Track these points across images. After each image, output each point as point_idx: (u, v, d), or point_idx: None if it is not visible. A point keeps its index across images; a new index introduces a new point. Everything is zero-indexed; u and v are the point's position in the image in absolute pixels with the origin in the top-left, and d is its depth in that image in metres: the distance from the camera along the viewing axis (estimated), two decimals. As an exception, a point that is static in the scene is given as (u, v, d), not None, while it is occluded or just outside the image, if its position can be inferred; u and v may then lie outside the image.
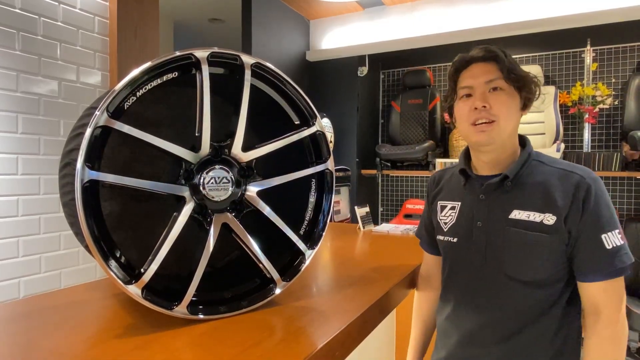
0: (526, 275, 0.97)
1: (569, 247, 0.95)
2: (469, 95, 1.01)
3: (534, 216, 0.96)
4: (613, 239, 0.92)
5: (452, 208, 1.11)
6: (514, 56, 1.04)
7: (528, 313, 0.98)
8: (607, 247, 0.91)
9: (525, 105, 1.03)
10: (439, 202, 1.16)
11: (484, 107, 0.97)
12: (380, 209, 4.28)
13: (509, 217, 0.99)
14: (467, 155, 1.11)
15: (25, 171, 2.04)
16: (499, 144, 1.00)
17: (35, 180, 2.09)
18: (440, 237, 1.14)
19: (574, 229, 0.93)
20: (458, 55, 1.06)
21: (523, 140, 1.07)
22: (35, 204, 2.08)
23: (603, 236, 0.92)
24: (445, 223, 1.12)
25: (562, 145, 3.24)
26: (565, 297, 0.98)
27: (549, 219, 0.94)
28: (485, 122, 0.97)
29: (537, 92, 1.04)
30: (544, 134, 3.39)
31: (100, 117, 0.74)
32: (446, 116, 1.14)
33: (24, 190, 2.04)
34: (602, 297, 0.93)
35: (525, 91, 1.00)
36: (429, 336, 1.28)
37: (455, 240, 1.09)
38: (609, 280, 0.92)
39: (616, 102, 3.39)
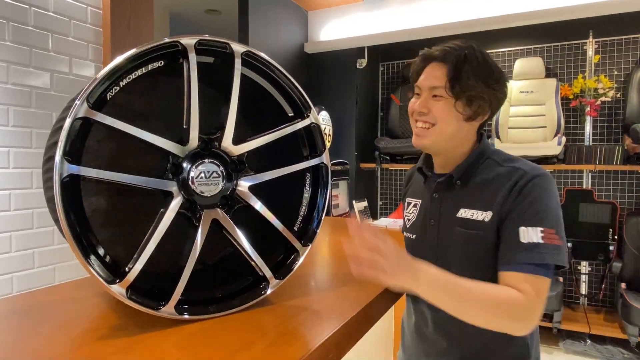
0: (471, 274, 0.92)
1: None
2: (418, 95, 1.01)
3: (477, 214, 0.95)
4: (531, 234, 0.87)
5: (415, 205, 1.12)
6: (515, 48, 1.01)
7: None
8: (522, 241, 0.87)
9: (472, 117, 0.97)
10: (406, 199, 1.18)
11: (423, 112, 0.98)
12: (379, 202, 4.24)
13: (457, 215, 0.99)
14: (428, 153, 1.12)
15: (17, 165, 2.01)
16: (439, 148, 1.00)
17: (27, 173, 2.05)
18: (405, 234, 1.16)
19: (503, 218, 0.91)
20: (425, 49, 1.04)
21: (480, 139, 1.04)
22: (27, 198, 2.05)
23: (521, 228, 0.88)
24: (409, 220, 1.14)
25: (563, 139, 3.20)
26: None
27: (489, 216, 0.93)
28: (422, 127, 0.98)
29: (488, 112, 0.99)
30: (544, 127, 3.36)
31: (80, 108, 0.70)
32: None
33: (16, 184, 2.01)
34: (524, 286, 0.85)
35: (474, 105, 0.95)
36: None
37: (414, 237, 1.10)
38: (527, 274, 0.85)
39: (618, 95, 3.34)
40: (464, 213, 0.97)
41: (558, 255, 0.87)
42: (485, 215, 0.94)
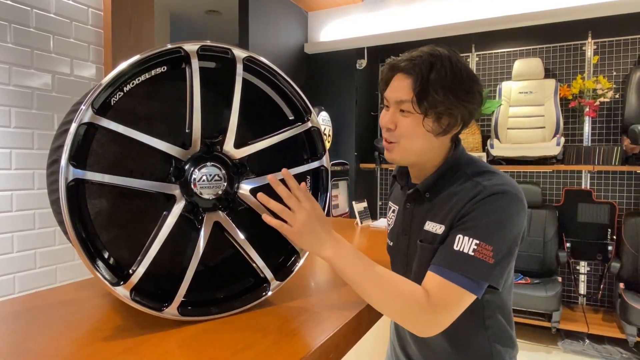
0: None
1: None
2: (387, 107, 0.95)
3: (436, 228, 0.91)
4: (465, 244, 0.82)
5: (393, 211, 1.10)
6: (514, 49, 0.97)
7: None
8: (454, 247, 0.83)
9: (445, 131, 0.89)
10: (389, 202, 1.15)
11: (389, 128, 0.92)
12: (379, 203, 4.26)
13: (424, 228, 0.94)
14: None
15: (19, 166, 2.02)
16: (409, 162, 0.96)
17: (29, 174, 2.06)
18: (387, 239, 1.13)
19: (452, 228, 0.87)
20: (391, 57, 0.96)
21: (452, 149, 0.97)
22: (29, 199, 2.06)
23: (458, 236, 0.83)
24: (389, 225, 1.12)
25: (562, 139, 3.21)
26: (476, 309, 0.92)
27: (442, 229, 0.89)
28: (389, 142, 0.93)
29: (460, 125, 0.91)
30: (543, 127, 3.37)
31: (85, 113, 0.71)
32: None
33: (18, 185, 2.02)
34: (435, 288, 0.82)
35: (443, 119, 0.88)
36: None
37: (391, 243, 1.08)
38: (444, 280, 0.81)
39: (617, 96, 3.36)
40: (427, 226, 0.93)
41: (484, 273, 0.81)
42: (442, 229, 0.89)
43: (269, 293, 0.94)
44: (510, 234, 0.84)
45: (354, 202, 2.10)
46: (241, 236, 0.90)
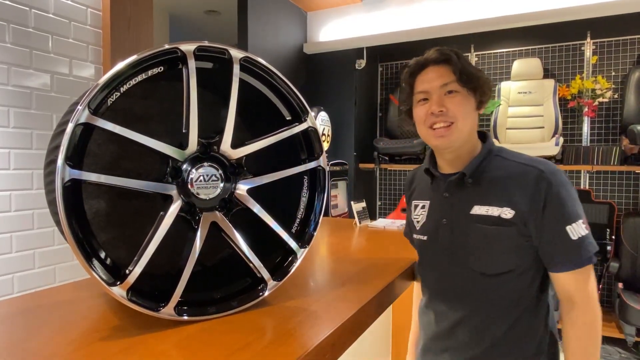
0: (490, 269, 0.99)
1: (534, 240, 0.96)
2: (425, 100, 1.02)
3: (492, 210, 0.98)
4: (578, 229, 0.93)
5: (423, 207, 1.14)
6: (513, 49, 1.04)
7: (497, 305, 1.00)
8: (573, 238, 0.92)
9: (480, 105, 1.03)
10: (412, 201, 1.20)
11: (441, 111, 0.99)
12: (378, 202, 4.26)
13: (470, 212, 1.01)
14: (432, 154, 1.13)
15: (17, 166, 2.02)
16: (460, 144, 1.02)
17: (28, 175, 2.06)
18: (415, 236, 1.17)
19: (537, 222, 0.94)
20: (413, 59, 1.06)
21: (484, 137, 1.08)
22: (28, 199, 2.06)
23: (568, 228, 0.93)
24: (418, 222, 1.15)
25: (561, 139, 3.22)
26: (534, 287, 1.00)
27: (507, 212, 0.96)
28: (443, 127, 0.99)
29: (489, 93, 1.05)
30: (542, 127, 3.37)
31: (81, 114, 0.71)
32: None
33: (17, 185, 2.02)
34: (573, 285, 0.95)
35: (479, 92, 1.01)
36: None
37: (425, 238, 1.12)
38: (578, 269, 0.93)
39: (616, 96, 3.36)
40: (478, 210, 1.00)
41: (593, 241, 0.94)
42: (501, 212, 0.96)
43: (266, 293, 0.94)
44: None
45: (352, 202, 2.10)
46: (238, 236, 0.90)
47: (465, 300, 1.03)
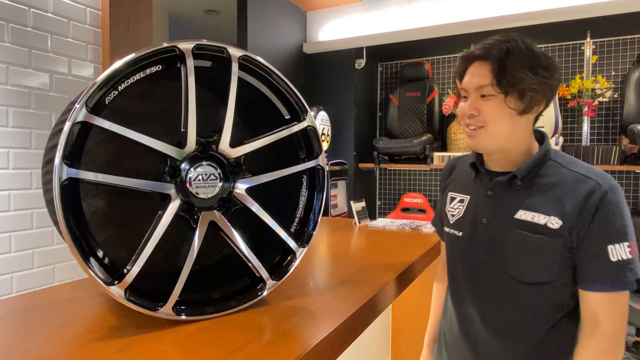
0: (527, 277, 0.95)
1: (574, 251, 0.91)
2: (465, 97, 0.98)
3: (539, 218, 0.92)
4: (620, 251, 0.87)
5: (461, 201, 1.09)
6: None
7: (527, 314, 0.96)
8: (612, 259, 0.87)
9: (526, 111, 0.92)
10: (449, 192, 1.14)
11: (472, 114, 0.94)
12: (378, 202, 4.25)
13: (515, 216, 0.96)
14: None
15: (16, 165, 2.01)
16: (495, 148, 0.96)
17: (27, 174, 2.06)
18: (447, 229, 1.13)
19: (581, 234, 0.89)
20: (463, 50, 1.01)
21: (542, 137, 1.01)
22: (27, 199, 2.06)
23: (609, 247, 0.87)
24: (453, 215, 1.10)
25: (561, 139, 3.21)
26: (569, 304, 0.95)
27: (554, 222, 0.91)
28: (473, 128, 0.95)
29: (543, 102, 0.94)
30: (542, 127, 3.36)
31: (79, 112, 0.71)
32: (444, 106, 1.11)
33: (16, 184, 2.01)
34: (603, 308, 0.89)
35: (527, 96, 0.90)
36: None
37: (460, 234, 1.07)
38: (612, 292, 0.88)
39: (616, 95, 3.36)
40: (523, 215, 0.95)
41: (636, 268, 0.87)
42: (548, 220, 0.91)
43: (265, 293, 0.93)
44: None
45: (352, 202, 2.10)
46: (237, 236, 0.89)
47: (495, 302, 1.00)
